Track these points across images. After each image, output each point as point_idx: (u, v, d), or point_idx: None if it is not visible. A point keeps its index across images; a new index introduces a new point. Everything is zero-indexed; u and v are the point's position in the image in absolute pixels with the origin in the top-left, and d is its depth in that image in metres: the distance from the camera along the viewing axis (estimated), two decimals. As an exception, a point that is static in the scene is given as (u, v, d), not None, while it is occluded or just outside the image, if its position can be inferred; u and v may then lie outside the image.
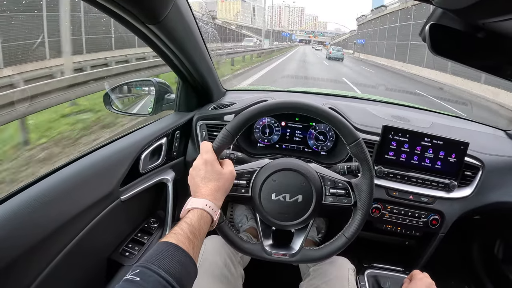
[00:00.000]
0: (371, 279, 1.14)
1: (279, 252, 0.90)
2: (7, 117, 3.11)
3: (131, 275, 0.53)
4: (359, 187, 0.89)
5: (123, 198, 0.98)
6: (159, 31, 0.86)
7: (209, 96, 1.40)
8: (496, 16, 0.45)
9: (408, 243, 1.42)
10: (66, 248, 0.79)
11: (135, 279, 0.52)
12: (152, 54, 7.95)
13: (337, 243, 0.90)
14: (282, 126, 1.34)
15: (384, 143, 1.17)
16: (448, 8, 0.51)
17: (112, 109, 1.29)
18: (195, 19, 1.02)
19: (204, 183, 0.77)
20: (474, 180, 1.22)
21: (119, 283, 0.53)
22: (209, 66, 1.24)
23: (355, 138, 0.86)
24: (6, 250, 0.65)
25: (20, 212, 0.70)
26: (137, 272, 0.54)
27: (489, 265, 1.60)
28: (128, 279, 0.53)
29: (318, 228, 1.50)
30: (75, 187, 0.84)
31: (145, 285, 0.52)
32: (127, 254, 1.05)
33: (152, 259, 0.57)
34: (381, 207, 1.21)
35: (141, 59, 8.74)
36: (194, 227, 0.67)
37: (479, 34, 0.53)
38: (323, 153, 1.34)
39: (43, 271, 0.73)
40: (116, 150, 1.00)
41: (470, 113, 8.41)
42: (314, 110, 0.87)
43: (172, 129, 1.21)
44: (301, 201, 0.88)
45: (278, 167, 0.90)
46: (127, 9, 0.71)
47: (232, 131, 0.84)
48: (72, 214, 0.80)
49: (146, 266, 0.55)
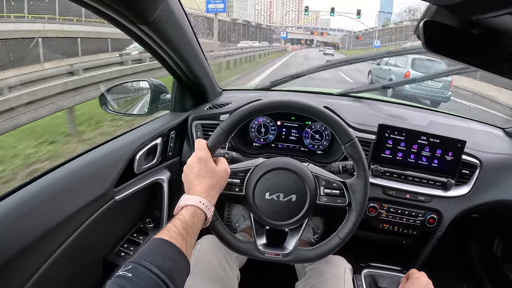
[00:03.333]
0: (368, 278, 1.14)
1: (272, 252, 0.90)
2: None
3: (123, 271, 0.53)
4: (353, 187, 0.89)
5: (117, 199, 0.98)
6: (150, 31, 0.85)
7: (205, 96, 1.39)
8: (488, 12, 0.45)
9: (406, 242, 1.42)
10: (61, 248, 0.79)
11: (127, 275, 0.52)
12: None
13: (330, 244, 0.89)
14: (278, 125, 1.34)
15: (380, 141, 1.17)
16: (441, 4, 0.50)
17: (107, 109, 1.28)
18: (187, 19, 1.01)
19: (198, 180, 0.76)
20: (471, 179, 1.22)
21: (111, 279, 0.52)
22: (203, 66, 1.24)
23: (350, 138, 0.86)
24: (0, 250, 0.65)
25: (14, 212, 0.70)
26: (129, 268, 0.54)
27: (487, 263, 1.60)
28: (120, 275, 0.53)
29: (315, 228, 1.49)
30: (69, 187, 0.83)
31: (137, 281, 0.52)
32: (122, 254, 1.05)
33: (145, 255, 0.57)
34: (378, 206, 1.21)
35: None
36: (188, 224, 0.67)
37: (473, 30, 0.53)
38: (319, 152, 1.34)
39: (38, 270, 0.73)
40: (110, 150, 1.00)
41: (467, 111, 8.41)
42: (309, 110, 0.87)
43: (167, 129, 1.20)
44: (295, 200, 0.87)
45: (272, 166, 0.89)
46: (116, 9, 0.70)
47: (226, 129, 0.84)
48: (67, 214, 0.80)
49: (139, 262, 0.55)
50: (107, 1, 0.67)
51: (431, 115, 1.52)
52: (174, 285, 0.55)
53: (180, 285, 0.60)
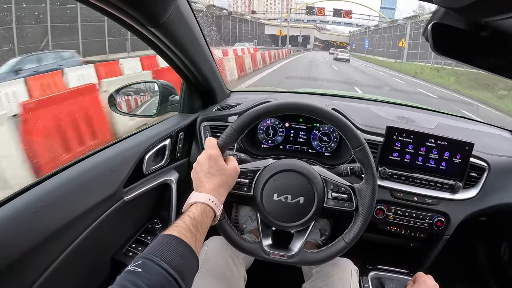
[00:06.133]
0: (375, 281, 1.14)
1: (277, 253, 0.90)
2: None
3: (133, 266, 0.54)
4: (361, 192, 0.88)
5: (126, 199, 0.99)
6: (161, 33, 0.87)
7: (213, 97, 1.40)
8: (497, 14, 0.45)
9: (413, 245, 1.41)
10: (70, 248, 0.80)
11: (137, 270, 0.53)
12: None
13: (336, 247, 0.89)
14: (286, 127, 1.34)
15: (388, 144, 1.17)
16: (449, 7, 0.50)
17: (117, 110, 1.30)
18: (197, 21, 1.02)
19: (207, 178, 0.77)
20: (479, 181, 1.21)
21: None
22: (212, 67, 1.24)
23: (360, 143, 0.86)
24: (10, 250, 0.66)
25: (23, 212, 0.71)
26: (139, 264, 0.54)
27: (495, 267, 1.58)
28: (130, 270, 0.53)
29: (322, 230, 1.49)
30: (78, 187, 0.84)
31: (147, 276, 0.52)
32: (130, 254, 1.06)
33: (154, 251, 0.58)
34: (385, 209, 1.20)
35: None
36: (197, 221, 0.68)
37: (482, 32, 0.53)
38: (327, 154, 1.34)
39: (47, 270, 0.74)
40: (119, 151, 1.01)
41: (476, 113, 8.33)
42: (319, 112, 0.87)
43: (176, 130, 1.21)
44: (302, 203, 0.88)
45: (281, 167, 0.90)
46: (128, 12, 0.71)
47: (237, 129, 0.85)
48: (76, 214, 0.81)
49: (148, 257, 0.56)
50: (119, 4, 0.68)
51: (439, 117, 1.51)
52: (183, 281, 0.56)
53: (189, 280, 0.61)
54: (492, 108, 9.19)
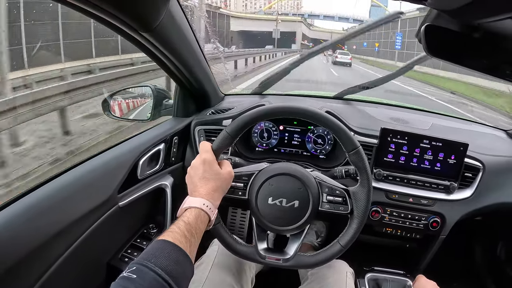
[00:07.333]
0: (372, 282, 1.13)
1: (273, 256, 0.90)
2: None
3: (127, 272, 0.54)
4: (356, 195, 0.88)
5: (121, 204, 0.98)
6: (153, 38, 0.86)
7: (207, 101, 1.40)
8: (489, 16, 0.45)
9: (409, 246, 1.41)
10: (65, 254, 0.80)
11: (131, 276, 0.53)
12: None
13: (331, 251, 0.89)
14: (280, 130, 1.34)
15: (383, 145, 1.17)
16: (442, 9, 0.50)
17: (110, 115, 1.29)
18: (189, 25, 1.02)
19: (202, 182, 0.76)
20: (474, 182, 1.21)
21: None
22: (206, 71, 1.24)
23: (354, 146, 0.86)
24: (5, 256, 0.65)
25: (18, 218, 0.71)
26: (134, 270, 0.54)
27: (492, 267, 1.59)
28: (124, 276, 0.53)
29: (318, 232, 1.49)
30: (73, 193, 0.84)
31: (141, 283, 0.52)
32: (126, 259, 1.05)
33: (149, 257, 0.57)
34: (381, 210, 1.20)
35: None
36: (191, 226, 0.67)
37: (475, 34, 0.53)
38: (321, 156, 1.34)
39: (43, 275, 0.74)
40: (113, 157, 1.00)
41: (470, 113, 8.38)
42: (313, 116, 0.87)
43: (170, 135, 1.21)
44: (297, 206, 0.87)
45: (276, 171, 0.89)
46: (119, 18, 0.71)
47: (232, 133, 0.84)
48: (70, 220, 0.81)
49: (143, 263, 0.55)
50: (110, 10, 0.68)
51: (433, 118, 1.52)
52: (178, 286, 0.56)
53: (184, 286, 0.60)
54: (486, 107, 9.25)
